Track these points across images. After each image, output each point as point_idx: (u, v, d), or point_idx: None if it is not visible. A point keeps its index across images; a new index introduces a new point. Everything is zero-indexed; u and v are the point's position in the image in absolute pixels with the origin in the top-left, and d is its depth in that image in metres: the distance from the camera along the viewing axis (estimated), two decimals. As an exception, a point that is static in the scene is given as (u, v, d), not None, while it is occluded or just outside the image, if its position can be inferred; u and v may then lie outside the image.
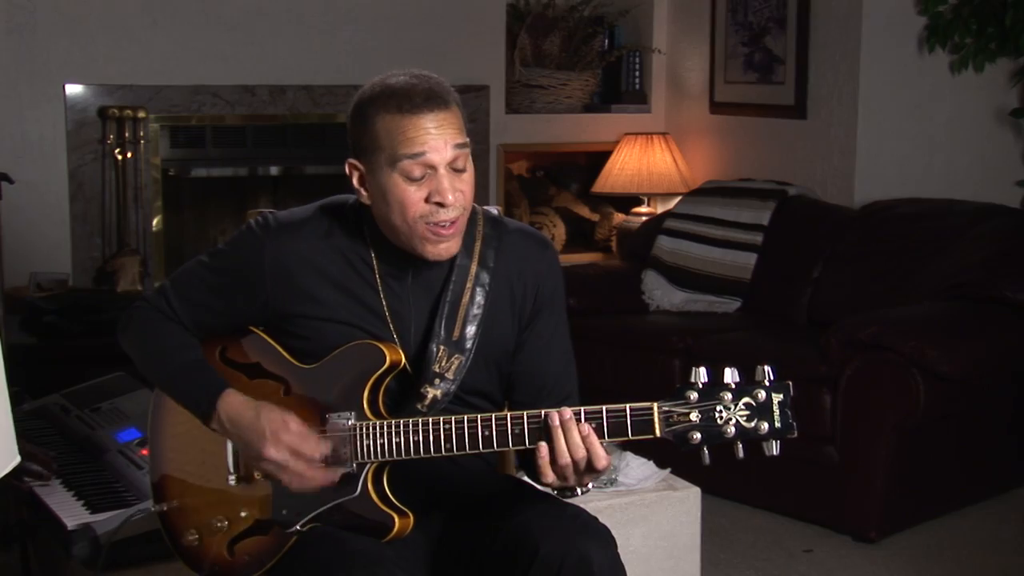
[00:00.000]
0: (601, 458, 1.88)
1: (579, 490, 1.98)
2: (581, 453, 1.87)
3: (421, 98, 1.93)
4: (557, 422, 1.87)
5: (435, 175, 1.93)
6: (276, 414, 2.00)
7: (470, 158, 1.99)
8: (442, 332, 2.05)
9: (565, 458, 1.87)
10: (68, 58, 4.75)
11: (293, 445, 1.97)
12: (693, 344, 4.25)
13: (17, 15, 4.66)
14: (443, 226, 1.96)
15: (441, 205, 1.94)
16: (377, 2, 5.22)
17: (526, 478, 2.12)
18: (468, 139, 1.98)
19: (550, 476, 1.90)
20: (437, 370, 2.04)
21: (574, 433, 1.87)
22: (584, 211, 5.92)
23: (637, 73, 5.86)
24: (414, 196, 1.94)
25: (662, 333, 4.43)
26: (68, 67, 4.76)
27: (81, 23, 4.75)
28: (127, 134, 4.82)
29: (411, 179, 1.93)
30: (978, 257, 4.08)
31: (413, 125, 1.92)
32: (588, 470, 1.90)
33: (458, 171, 1.96)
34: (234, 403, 2.03)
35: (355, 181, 2.01)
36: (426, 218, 1.95)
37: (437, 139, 1.92)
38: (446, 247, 1.99)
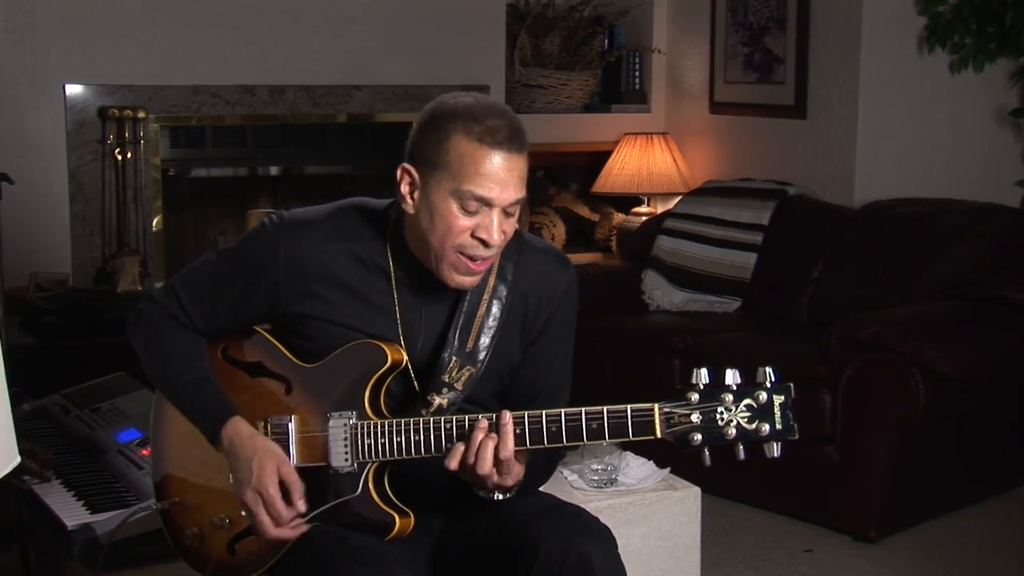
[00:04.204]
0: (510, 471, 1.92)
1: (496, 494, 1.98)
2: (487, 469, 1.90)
3: (504, 135, 1.91)
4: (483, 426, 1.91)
5: (488, 212, 1.92)
6: (269, 461, 2.00)
7: (520, 207, 1.98)
8: (455, 343, 2.04)
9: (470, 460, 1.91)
10: (68, 58, 4.74)
11: (269, 500, 1.98)
12: (693, 344, 4.25)
13: (17, 15, 4.65)
14: (476, 261, 1.95)
15: (485, 243, 1.93)
16: (377, 2, 5.22)
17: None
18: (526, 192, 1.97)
19: (455, 463, 1.92)
20: (447, 380, 2.04)
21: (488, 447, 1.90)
22: (584, 211, 5.91)
23: (637, 73, 5.86)
24: (461, 225, 1.92)
25: (662, 333, 4.43)
26: (68, 67, 4.75)
27: (81, 23, 4.75)
28: (127, 134, 4.81)
29: (465, 210, 1.92)
30: (978, 257, 4.08)
31: (489, 161, 1.90)
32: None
33: (508, 215, 1.95)
34: (237, 433, 2.03)
35: (404, 187, 1.98)
36: (463, 248, 1.94)
37: (504, 183, 1.91)
38: (471, 280, 1.99)
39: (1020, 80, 4.81)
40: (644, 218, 5.44)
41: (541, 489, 2.21)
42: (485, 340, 2.05)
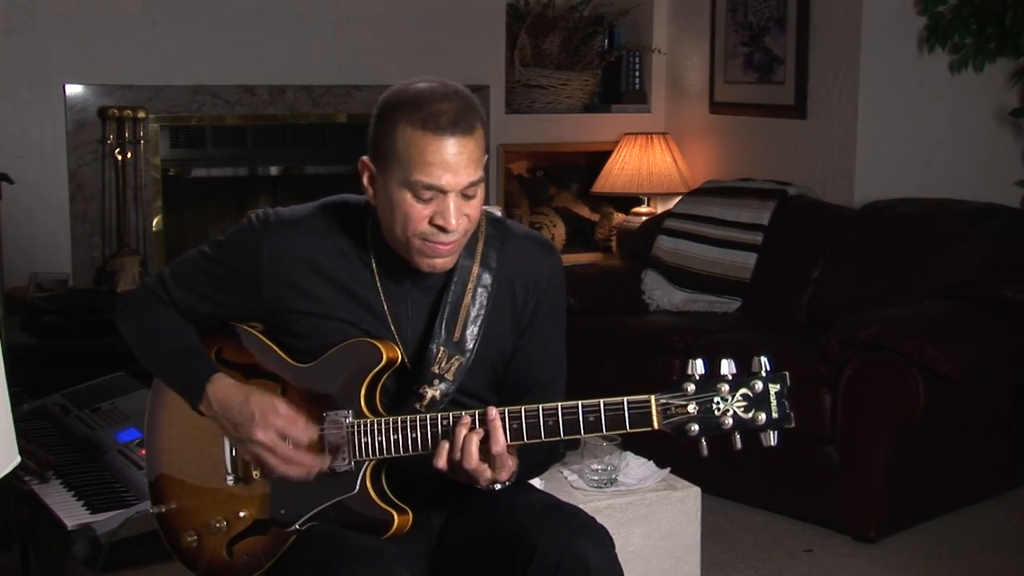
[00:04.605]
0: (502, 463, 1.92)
1: (496, 485, 1.97)
2: (472, 463, 1.90)
3: (447, 120, 1.89)
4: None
5: (444, 198, 1.91)
6: (265, 398, 2.01)
7: (483, 186, 1.97)
8: (443, 333, 2.05)
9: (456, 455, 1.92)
10: (68, 58, 4.75)
11: (281, 427, 1.98)
12: (693, 344, 4.24)
13: (17, 15, 4.66)
14: (441, 243, 1.95)
15: (443, 229, 1.93)
16: (377, 2, 5.22)
17: None
18: (483, 172, 1.96)
19: (442, 462, 1.93)
20: (436, 371, 2.04)
21: (472, 442, 1.90)
22: (584, 211, 5.92)
23: (637, 73, 5.86)
24: (419, 213, 1.92)
25: (662, 333, 4.43)
26: (68, 67, 4.75)
27: (81, 23, 4.75)
28: (127, 134, 4.81)
29: (420, 198, 1.92)
30: (978, 257, 4.08)
31: (433, 148, 1.89)
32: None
33: (468, 197, 1.94)
34: (223, 386, 2.04)
35: (365, 180, 2.00)
36: (425, 236, 1.94)
37: (454, 169, 1.90)
38: (441, 262, 1.99)
39: (1020, 80, 4.81)
40: (644, 218, 5.44)
41: (541, 489, 2.21)
42: (473, 329, 2.05)
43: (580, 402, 1.89)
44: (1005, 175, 4.91)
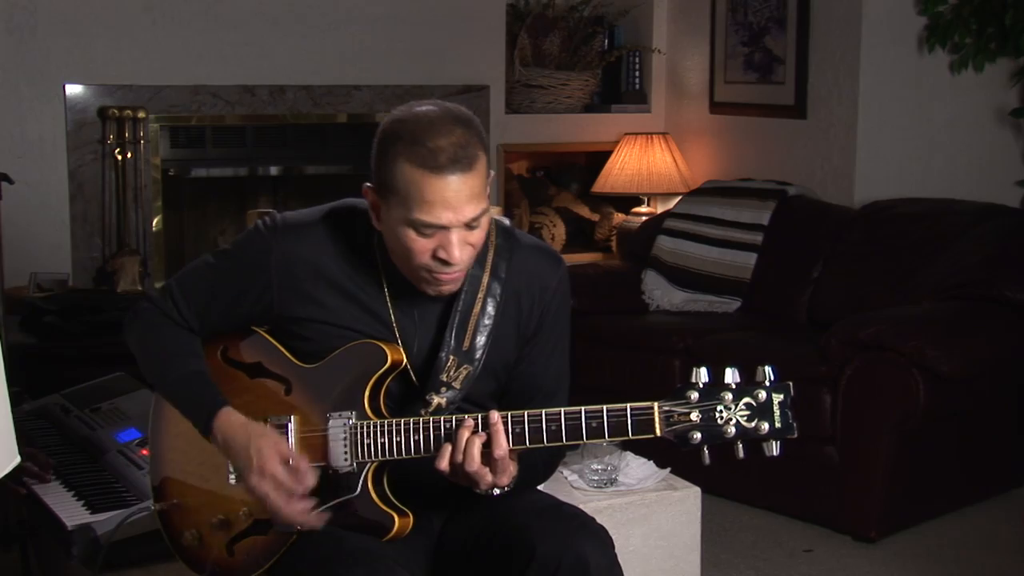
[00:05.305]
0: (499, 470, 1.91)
1: (495, 490, 1.97)
2: (473, 466, 1.89)
3: (447, 157, 1.86)
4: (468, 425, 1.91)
5: (446, 233, 1.90)
6: (267, 444, 1.99)
7: (488, 214, 1.94)
8: (452, 342, 2.04)
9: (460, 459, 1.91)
10: (68, 58, 4.75)
11: (278, 478, 1.97)
12: (693, 344, 4.25)
13: (17, 15, 4.66)
14: (445, 274, 1.94)
15: (446, 262, 1.92)
16: (377, 2, 5.22)
17: None
18: (487, 201, 1.93)
19: (444, 464, 1.92)
20: (445, 379, 2.03)
21: (474, 445, 1.89)
22: (584, 211, 5.92)
23: (637, 73, 5.86)
24: (422, 247, 1.91)
25: (662, 333, 4.43)
26: (68, 67, 4.75)
27: (81, 23, 4.75)
28: (127, 134, 4.81)
29: (421, 234, 1.91)
30: (978, 257, 4.08)
31: (432, 188, 1.86)
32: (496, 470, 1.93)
33: (472, 228, 1.92)
34: (230, 423, 2.03)
35: (369, 207, 1.99)
36: (429, 268, 1.93)
37: (455, 207, 1.88)
38: (447, 288, 1.99)
39: (1020, 80, 4.81)
40: (644, 218, 5.44)
41: (541, 489, 2.21)
42: (481, 339, 2.05)
43: (583, 408, 1.88)
44: (1005, 175, 4.91)
